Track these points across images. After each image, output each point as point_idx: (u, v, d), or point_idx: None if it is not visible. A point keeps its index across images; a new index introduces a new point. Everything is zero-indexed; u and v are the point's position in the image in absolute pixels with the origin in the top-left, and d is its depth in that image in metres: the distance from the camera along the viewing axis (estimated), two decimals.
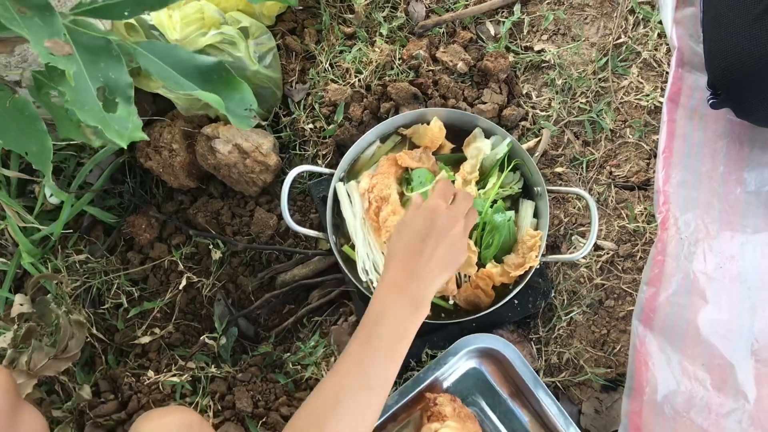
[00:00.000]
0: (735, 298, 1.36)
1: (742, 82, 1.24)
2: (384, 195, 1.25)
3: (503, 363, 1.13)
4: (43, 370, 1.44)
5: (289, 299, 1.55)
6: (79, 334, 1.46)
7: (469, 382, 1.16)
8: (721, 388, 1.31)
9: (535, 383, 1.10)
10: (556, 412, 1.10)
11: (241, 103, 1.02)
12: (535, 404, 1.14)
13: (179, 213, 1.60)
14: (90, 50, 0.95)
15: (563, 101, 1.54)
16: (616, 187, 1.49)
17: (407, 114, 1.34)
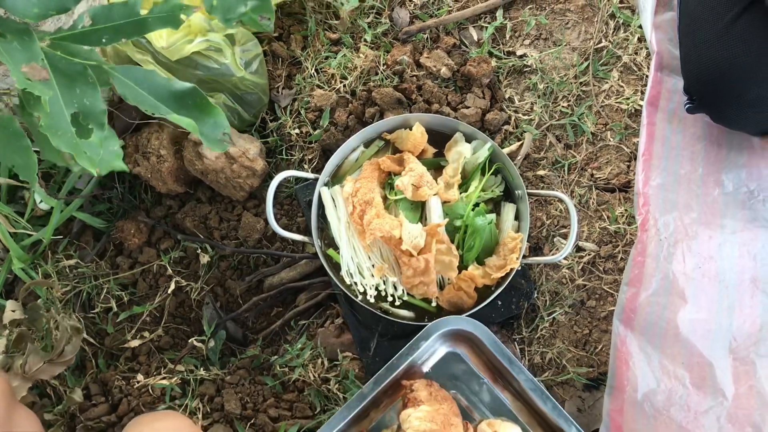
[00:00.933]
0: (713, 298, 1.39)
1: (716, 87, 1.27)
2: (368, 199, 1.27)
3: (477, 344, 1.15)
4: (38, 374, 1.46)
5: (276, 302, 1.57)
6: (75, 339, 1.48)
7: (448, 366, 1.18)
8: (700, 386, 1.33)
9: (510, 362, 1.12)
10: (533, 387, 1.12)
11: (215, 128, 1.04)
12: (514, 383, 1.15)
13: (168, 218, 1.62)
14: (67, 75, 0.97)
15: (545, 105, 1.57)
16: (597, 189, 1.51)
17: (390, 120, 1.37)
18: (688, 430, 1.30)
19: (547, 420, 1.15)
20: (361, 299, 1.30)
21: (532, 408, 1.17)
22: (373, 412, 1.15)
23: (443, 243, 1.29)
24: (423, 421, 1.04)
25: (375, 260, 1.31)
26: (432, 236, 1.28)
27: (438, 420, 1.05)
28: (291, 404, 1.45)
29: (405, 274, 1.27)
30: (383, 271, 1.29)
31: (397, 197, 1.32)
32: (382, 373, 1.10)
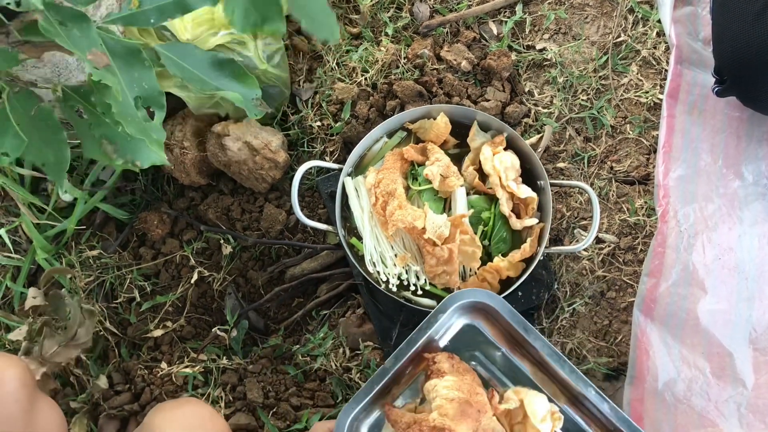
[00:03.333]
0: (733, 289, 1.40)
1: (749, 68, 1.27)
2: (390, 190, 1.29)
3: (494, 315, 1.15)
4: (53, 357, 1.47)
5: (298, 293, 1.58)
6: (89, 322, 1.50)
7: (466, 339, 1.18)
8: (720, 375, 1.34)
9: (526, 329, 1.13)
10: (551, 353, 1.12)
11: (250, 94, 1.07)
12: (532, 351, 1.16)
13: (190, 209, 1.64)
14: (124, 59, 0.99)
15: (565, 98, 1.58)
16: (617, 181, 1.52)
17: (413, 110, 1.38)
18: (708, 418, 1.31)
19: (566, 386, 1.16)
20: (384, 288, 1.31)
21: (551, 375, 1.17)
22: (394, 388, 1.16)
23: (467, 234, 1.30)
24: (451, 390, 1.05)
25: (398, 250, 1.32)
26: (456, 227, 1.29)
27: (464, 389, 1.07)
28: (313, 393, 1.46)
29: (428, 263, 1.28)
30: (406, 261, 1.30)
31: (421, 187, 1.34)
32: (402, 347, 1.11)
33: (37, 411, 1.13)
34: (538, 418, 1.12)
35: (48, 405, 1.21)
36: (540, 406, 1.13)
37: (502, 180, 1.30)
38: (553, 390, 1.19)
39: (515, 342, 1.21)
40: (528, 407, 1.12)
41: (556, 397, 1.19)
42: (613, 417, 1.12)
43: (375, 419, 1.15)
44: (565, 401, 1.19)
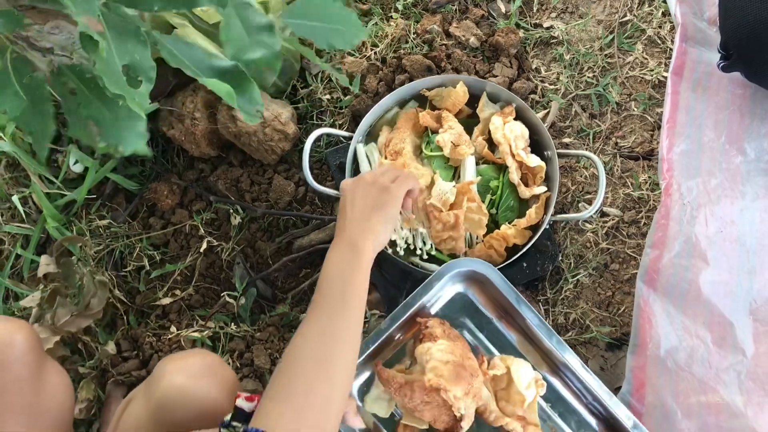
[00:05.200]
0: (735, 261, 1.42)
1: (756, 42, 1.30)
2: (398, 149, 1.31)
3: (486, 285, 1.18)
4: (65, 326, 1.49)
5: (305, 263, 1.60)
6: (101, 292, 1.52)
7: (457, 307, 1.21)
8: (721, 344, 1.37)
9: (517, 300, 1.15)
10: (539, 323, 1.15)
11: (251, 102, 1.08)
12: (521, 321, 1.18)
13: (200, 181, 1.66)
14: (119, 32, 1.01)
15: (571, 75, 1.60)
16: (621, 157, 1.55)
17: (427, 79, 1.40)
18: (709, 385, 1.33)
19: (551, 356, 1.19)
20: (392, 252, 1.33)
21: (537, 346, 1.20)
22: (386, 350, 1.19)
23: (474, 201, 1.32)
24: (445, 353, 1.08)
25: (405, 213, 1.34)
26: (463, 194, 1.31)
27: (457, 353, 1.09)
28: None
29: (434, 228, 1.30)
30: (412, 223, 1.32)
31: (432, 153, 1.36)
32: (398, 310, 1.13)
33: (45, 375, 1.14)
34: (523, 385, 1.14)
35: (56, 370, 1.22)
36: (525, 373, 1.16)
37: (512, 148, 1.32)
38: (536, 359, 1.23)
39: (505, 312, 1.24)
40: (514, 374, 1.15)
41: (539, 365, 1.23)
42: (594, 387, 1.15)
43: (365, 379, 1.17)
44: (547, 370, 1.23)
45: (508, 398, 1.16)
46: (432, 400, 1.08)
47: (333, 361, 0.91)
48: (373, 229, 1.05)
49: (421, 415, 1.08)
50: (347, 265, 1.01)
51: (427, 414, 1.08)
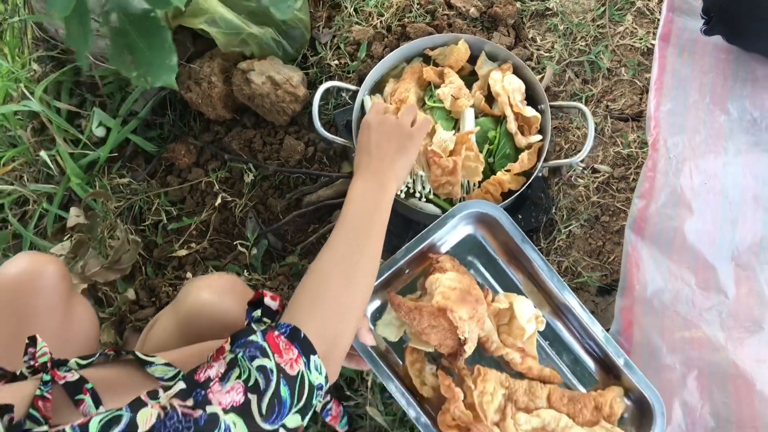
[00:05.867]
0: (718, 212, 1.51)
1: (734, 4, 1.39)
2: (402, 98, 1.41)
3: (495, 227, 1.25)
4: (94, 276, 1.60)
5: (313, 219, 1.70)
6: (132, 250, 1.62)
7: (466, 247, 1.28)
8: (704, 287, 1.45)
9: (522, 241, 1.23)
10: (542, 264, 1.23)
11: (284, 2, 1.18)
12: (526, 263, 1.26)
13: (215, 142, 1.76)
14: None
15: (565, 44, 1.71)
16: (612, 118, 1.64)
17: (433, 37, 1.50)
18: (692, 322, 1.41)
19: (553, 297, 1.26)
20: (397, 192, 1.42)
21: (540, 287, 1.27)
22: (395, 282, 1.26)
23: (472, 150, 1.41)
24: (452, 281, 1.16)
25: None
26: (462, 143, 1.41)
27: (464, 282, 1.17)
28: None
29: (434, 172, 1.40)
30: (413, 167, 1.41)
31: (434, 104, 1.46)
32: (412, 243, 1.21)
33: (74, 306, 1.23)
34: (524, 319, 1.22)
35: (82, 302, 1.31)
36: (526, 309, 1.23)
37: (510, 99, 1.42)
38: (539, 300, 1.30)
39: (512, 254, 1.31)
40: (516, 309, 1.22)
41: (541, 306, 1.30)
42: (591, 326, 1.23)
43: (377, 306, 1.25)
44: (549, 311, 1.30)
45: (509, 332, 1.24)
46: (438, 324, 1.15)
47: (357, 276, 0.98)
48: (397, 174, 1.14)
49: (428, 339, 1.16)
50: (373, 197, 1.08)
51: (433, 337, 1.15)
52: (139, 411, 0.74)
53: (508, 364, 1.20)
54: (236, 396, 0.78)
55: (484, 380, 1.16)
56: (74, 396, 0.90)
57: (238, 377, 0.80)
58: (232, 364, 0.81)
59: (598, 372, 1.25)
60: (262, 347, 0.83)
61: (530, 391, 1.20)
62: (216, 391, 0.78)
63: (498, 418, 1.17)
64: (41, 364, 0.91)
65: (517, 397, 1.19)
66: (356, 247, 1.01)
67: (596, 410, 1.21)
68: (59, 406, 0.90)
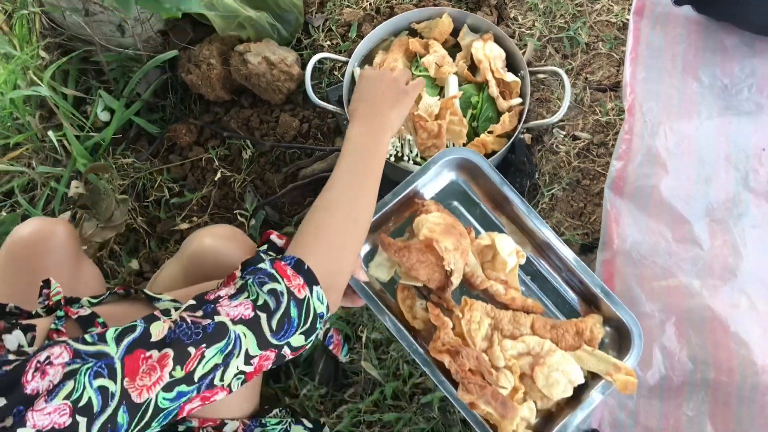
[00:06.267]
0: (692, 171, 1.59)
1: None
2: (391, 67, 1.50)
3: (475, 172, 1.32)
4: (92, 237, 1.67)
5: (308, 192, 1.78)
6: (123, 206, 1.70)
7: (450, 192, 1.35)
8: (680, 240, 1.52)
9: (501, 183, 1.29)
10: (520, 204, 1.29)
11: None
12: (506, 205, 1.32)
13: (214, 122, 1.84)
14: None
15: (545, 22, 1.80)
16: (590, 89, 1.73)
17: (419, 10, 1.60)
18: (670, 271, 1.49)
19: (534, 236, 1.32)
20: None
21: (521, 226, 1.33)
22: (383, 228, 1.33)
23: (456, 115, 1.50)
24: (437, 218, 1.24)
25: None
26: (447, 108, 1.49)
27: (448, 220, 1.25)
28: None
29: (420, 136, 1.48)
30: (401, 132, 1.50)
31: (420, 73, 1.54)
32: (400, 187, 1.28)
33: (81, 265, 1.30)
34: (506, 252, 1.29)
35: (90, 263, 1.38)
36: (507, 244, 1.30)
37: (491, 65, 1.51)
38: (521, 240, 1.36)
39: (493, 198, 1.37)
40: (497, 245, 1.29)
41: (524, 245, 1.36)
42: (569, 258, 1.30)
43: (369, 249, 1.32)
44: (531, 250, 1.37)
45: (493, 267, 1.30)
46: (426, 259, 1.22)
47: (357, 212, 1.05)
48: (392, 122, 1.20)
49: (417, 274, 1.23)
50: (371, 140, 1.14)
51: (422, 272, 1.23)
52: (153, 323, 0.80)
53: (492, 297, 1.27)
54: (245, 311, 0.84)
55: (470, 309, 1.23)
56: (86, 328, 0.96)
57: (246, 297, 0.86)
58: (242, 289, 0.88)
59: (580, 303, 1.31)
60: (271, 273, 0.89)
61: (515, 320, 1.26)
62: (225, 305, 0.84)
63: (485, 345, 1.23)
64: (55, 303, 0.97)
65: (502, 326, 1.26)
66: (356, 185, 1.07)
67: (577, 335, 1.27)
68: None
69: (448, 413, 1.48)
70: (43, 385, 0.68)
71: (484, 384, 1.18)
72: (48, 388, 0.68)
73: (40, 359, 0.70)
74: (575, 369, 1.22)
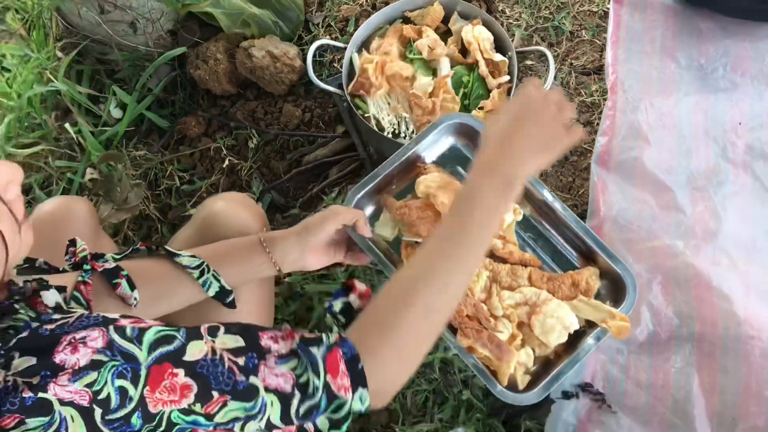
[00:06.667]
0: (673, 143, 1.69)
1: None
2: (387, 50, 1.61)
3: (474, 137, 1.41)
4: (108, 218, 1.76)
5: (312, 177, 1.87)
6: (137, 190, 1.79)
7: (451, 157, 1.43)
8: (664, 207, 1.61)
9: None
10: None
11: None
12: None
13: (221, 115, 1.95)
14: None
15: (531, 13, 1.92)
16: (575, 73, 1.84)
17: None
18: (655, 234, 1.57)
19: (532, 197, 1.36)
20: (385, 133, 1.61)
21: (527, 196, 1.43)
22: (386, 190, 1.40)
23: (449, 93, 1.60)
24: (436, 178, 1.33)
25: (393, 103, 1.63)
26: (440, 87, 1.60)
27: (446, 179, 1.34)
28: None
29: (415, 113, 1.58)
30: (398, 110, 1.60)
31: (414, 56, 1.65)
32: (402, 149, 1.36)
33: (101, 238, 1.39)
34: None
35: (107, 237, 1.48)
36: None
37: (480, 46, 1.62)
38: (521, 201, 1.44)
39: None
40: None
41: (523, 206, 1.44)
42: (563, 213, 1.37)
43: (373, 210, 1.40)
44: (531, 209, 1.46)
45: None
46: (425, 215, 1.30)
47: (443, 302, 0.91)
48: (528, 176, 0.98)
49: (418, 230, 1.31)
50: (500, 200, 0.95)
51: (422, 228, 1.30)
52: (192, 341, 0.78)
53: (491, 252, 1.35)
54: (284, 384, 0.80)
55: None
56: (111, 280, 1.04)
57: (293, 369, 0.81)
58: (293, 354, 0.83)
59: (579, 259, 1.37)
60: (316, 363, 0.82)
61: (512, 273, 1.34)
62: (268, 367, 0.80)
63: (484, 296, 1.31)
64: (81, 258, 1.05)
65: (500, 278, 1.33)
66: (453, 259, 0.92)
67: (573, 286, 1.34)
68: (99, 290, 1.05)
69: (448, 374, 1.55)
70: (70, 360, 0.70)
71: (481, 329, 1.26)
72: (74, 366, 0.70)
73: (76, 336, 0.72)
74: (570, 315, 1.29)
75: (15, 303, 0.79)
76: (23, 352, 0.70)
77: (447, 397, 1.54)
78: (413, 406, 1.55)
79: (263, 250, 1.18)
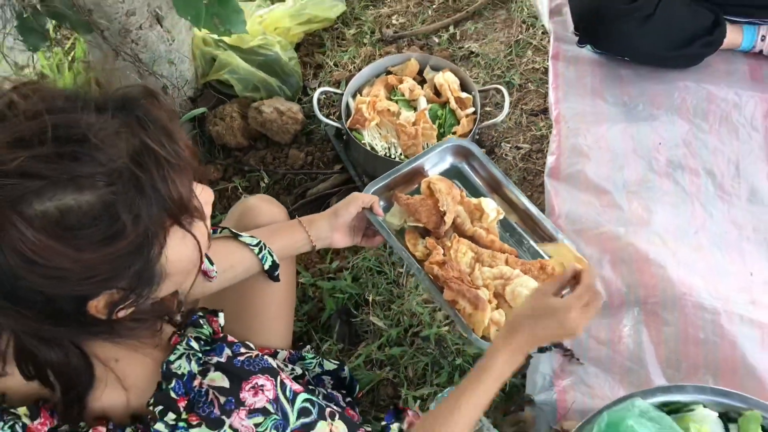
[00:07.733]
0: (609, 161, 2.10)
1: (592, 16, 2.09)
2: (376, 94, 2.03)
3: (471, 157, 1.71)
4: None
5: (315, 207, 2.22)
6: None
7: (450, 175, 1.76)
8: (606, 205, 2.00)
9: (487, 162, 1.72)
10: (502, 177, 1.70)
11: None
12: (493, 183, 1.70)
13: (236, 163, 2.32)
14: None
15: (486, 73, 2.38)
16: (526, 114, 2.28)
17: (393, 57, 2.17)
18: (600, 224, 1.94)
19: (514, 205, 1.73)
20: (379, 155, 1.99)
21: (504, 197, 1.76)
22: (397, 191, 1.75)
23: (428, 123, 2.01)
24: (438, 176, 1.68)
25: (383, 133, 2.03)
26: (420, 118, 2.01)
27: (447, 183, 1.68)
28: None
29: (402, 139, 1.98)
30: (387, 138, 2.00)
31: (398, 98, 2.08)
32: (412, 159, 1.72)
33: None
34: (488, 208, 1.74)
35: None
36: (490, 203, 1.74)
37: (450, 86, 2.05)
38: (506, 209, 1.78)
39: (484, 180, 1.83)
40: (483, 203, 1.74)
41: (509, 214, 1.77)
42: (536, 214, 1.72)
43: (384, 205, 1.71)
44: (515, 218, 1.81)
45: (479, 221, 1.74)
46: (425, 205, 1.63)
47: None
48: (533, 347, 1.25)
49: (419, 216, 1.63)
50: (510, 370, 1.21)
51: (423, 214, 1.64)
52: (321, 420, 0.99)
53: (477, 240, 1.68)
54: None
55: (458, 242, 1.65)
56: None
57: None
58: None
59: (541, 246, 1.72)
60: None
61: (493, 256, 1.67)
62: None
63: (469, 270, 1.65)
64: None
65: (482, 259, 1.66)
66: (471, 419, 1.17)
67: (541, 270, 1.68)
68: None
69: (443, 347, 1.85)
70: (250, 400, 0.90)
71: (462, 284, 1.58)
72: (251, 405, 0.90)
73: (258, 382, 0.92)
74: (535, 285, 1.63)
75: (200, 318, 1.02)
76: (219, 370, 0.91)
77: (443, 365, 1.83)
78: (415, 376, 1.83)
79: (303, 229, 1.52)
